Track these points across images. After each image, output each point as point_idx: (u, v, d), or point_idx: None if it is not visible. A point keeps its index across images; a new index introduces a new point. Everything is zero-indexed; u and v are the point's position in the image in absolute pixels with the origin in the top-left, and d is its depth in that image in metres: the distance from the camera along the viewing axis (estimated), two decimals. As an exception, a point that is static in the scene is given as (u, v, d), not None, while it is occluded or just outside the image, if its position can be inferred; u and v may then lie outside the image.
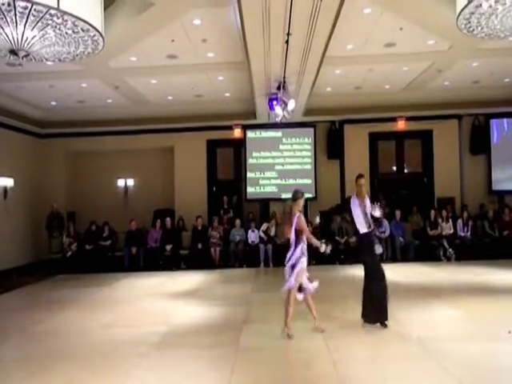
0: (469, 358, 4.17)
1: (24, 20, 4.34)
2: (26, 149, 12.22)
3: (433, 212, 11.02)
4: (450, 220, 10.82)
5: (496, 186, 12.13)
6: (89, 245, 10.95)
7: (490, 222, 11.01)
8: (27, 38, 4.62)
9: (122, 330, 5.56)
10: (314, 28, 5.98)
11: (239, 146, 12.84)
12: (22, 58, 4.95)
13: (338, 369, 4.01)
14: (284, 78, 8.09)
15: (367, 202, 5.26)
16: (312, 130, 12.54)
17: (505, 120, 12.24)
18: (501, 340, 4.64)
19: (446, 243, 10.49)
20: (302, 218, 5.01)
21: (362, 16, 6.78)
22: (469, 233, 10.74)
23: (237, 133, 12.54)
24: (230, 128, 12.47)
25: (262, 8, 5.43)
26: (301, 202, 5.10)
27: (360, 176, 5.35)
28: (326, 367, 4.11)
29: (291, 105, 8.70)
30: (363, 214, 5.21)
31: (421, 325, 5.26)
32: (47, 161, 12.80)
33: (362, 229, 5.22)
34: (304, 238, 5.00)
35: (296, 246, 4.97)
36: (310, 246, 5.11)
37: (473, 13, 4.72)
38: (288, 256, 5.02)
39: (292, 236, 4.99)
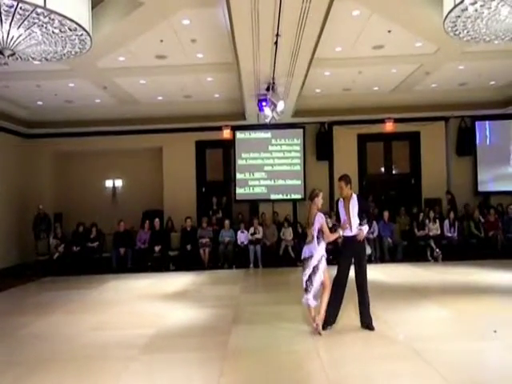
0: (456, 357, 4.21)
1: (10, 18, 4.27)
2: (12, 149, 12.04)
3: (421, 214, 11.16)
4: (437, 221, 10.95)
5: (481, 187, 12.34)
6: (76, 246, 10.81)
7: (476, 223, 11.17)
8: (13, 37, 4.54)
9: (111, 333, 5.51)
10: (302, 29, 6.00)
11: (228, 146, 12.83)
12: (8, 57, 4.87)
13: (327, 370, 4.03)
14: (273, 79, 8.09)
15: (353, 202, 5.15)
16: (301, 131, 12.60)
17: (487, 122, 12.44)
18: (487, 339, 4.70)
19: (433, 244, 10.60)
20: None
21: (350, 18, 6.83)
22: (455, 233, 10.86)
23: (226, 134, 12.50)
24: (220, 129, 12.43)
25: (251, 9, 5.42)
26: (317, 201, 5.09)
27: (339, 179, 5.24)
28: (315, 369, 4.12)
29: (280, 106, 8.71)
30: (347, 215, 5.15)
31: (408, 325, 5.30)
32: (34, 161, 12.62)
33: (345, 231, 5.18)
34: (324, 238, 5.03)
35: (318, 244, 4.99)
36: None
37: (459, 16, 4.77)
38: (306, 252, 5.04)
39: (314, 234, 5.00)
